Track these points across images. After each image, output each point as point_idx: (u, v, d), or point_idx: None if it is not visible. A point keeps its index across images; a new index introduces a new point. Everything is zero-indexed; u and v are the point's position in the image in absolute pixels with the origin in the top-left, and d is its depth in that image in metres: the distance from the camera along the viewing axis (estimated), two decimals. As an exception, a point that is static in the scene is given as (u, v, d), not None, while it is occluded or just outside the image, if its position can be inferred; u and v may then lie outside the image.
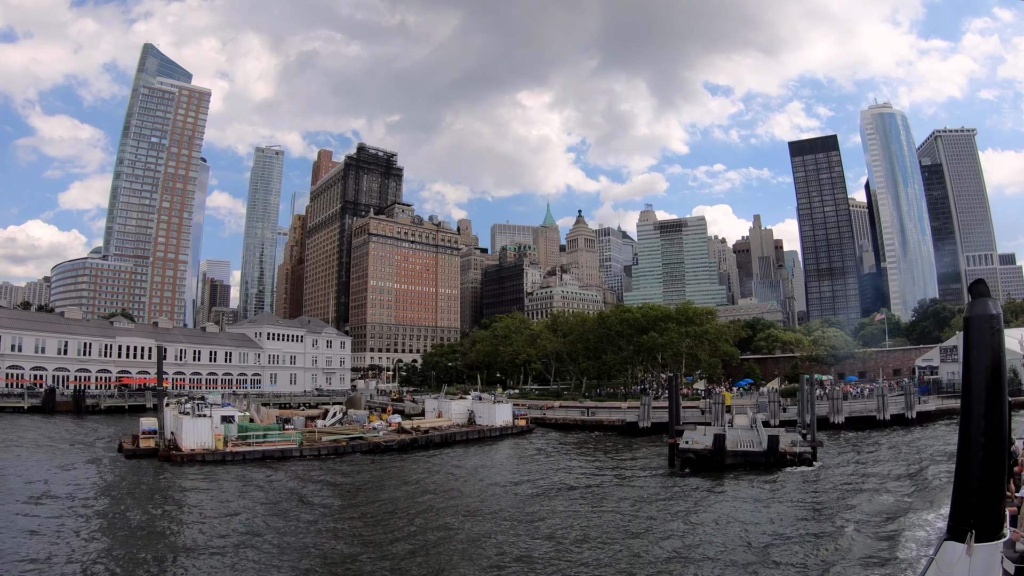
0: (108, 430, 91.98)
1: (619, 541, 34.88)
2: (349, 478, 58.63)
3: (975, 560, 7.46)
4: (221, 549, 32.46)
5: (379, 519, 40.56)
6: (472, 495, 50.76)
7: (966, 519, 7.62)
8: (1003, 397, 7.81)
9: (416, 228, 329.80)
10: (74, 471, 55.85)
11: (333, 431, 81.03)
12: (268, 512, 42.25)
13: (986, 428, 7.54)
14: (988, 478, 7.60)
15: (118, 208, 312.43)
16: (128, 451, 64.84)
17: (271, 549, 32.97)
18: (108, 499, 46.38)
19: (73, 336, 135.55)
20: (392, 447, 75.96)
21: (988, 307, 7.76)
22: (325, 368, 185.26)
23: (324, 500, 48.28)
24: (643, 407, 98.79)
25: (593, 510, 44.04)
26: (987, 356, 7.68)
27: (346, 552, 32.53)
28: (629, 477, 57.37)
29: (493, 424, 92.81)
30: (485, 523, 39.82)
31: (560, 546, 34.03)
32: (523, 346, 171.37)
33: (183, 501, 46.42)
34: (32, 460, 61.27)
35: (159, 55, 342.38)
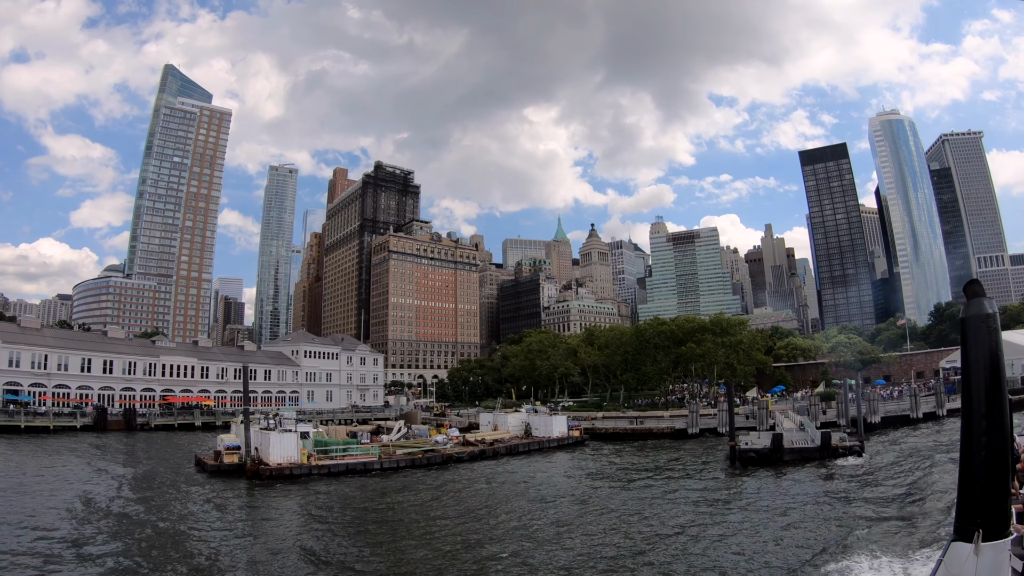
0: (171, 448, 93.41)
1: (718, 523, 40.81)
2: (451, 485, 61.62)
3: (983, 559, 7.53)
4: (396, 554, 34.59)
5: (508, 521, 44.41)
6: (569, 494, 55.33)
7: (972, 519, 7.65)
8: (1003, 395, 7.84)
9: (435, 245, 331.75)
10: (172, 490, 56.60)
11: (406, 444, 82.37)
12: (404, 518, 45.39)
13: (988, 427, 7.59)
14: (992, 477, 7.64)
15: (141, 227, 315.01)
16: (212, 468, 65.87)
17: (437, 547, 36.22)
18: (242, 517, 47.38)
19: (118, 355, 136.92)
20: (463, 458, 78.58)
21: (984, 306, 7.89)
22: (359, 384, 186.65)
23: (455, 504, 51.47)
24: (691, 414, 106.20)
25: (678, 500, 50.42)
26: (985, 355, 7.75)
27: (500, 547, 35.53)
28: (696, 475, 64.07)
29: (550, 435, 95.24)
30: (596, 516, 45.05)
31: (670, 529, 39.51)
32: (561, 360, 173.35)
33: (319, 516, 46.99)
34: (122, 479, 61.89)
35: (179, 75, 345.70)
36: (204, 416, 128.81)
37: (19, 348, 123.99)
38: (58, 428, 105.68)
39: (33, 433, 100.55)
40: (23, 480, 60.25)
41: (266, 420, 72.01)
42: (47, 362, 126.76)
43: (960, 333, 8.32)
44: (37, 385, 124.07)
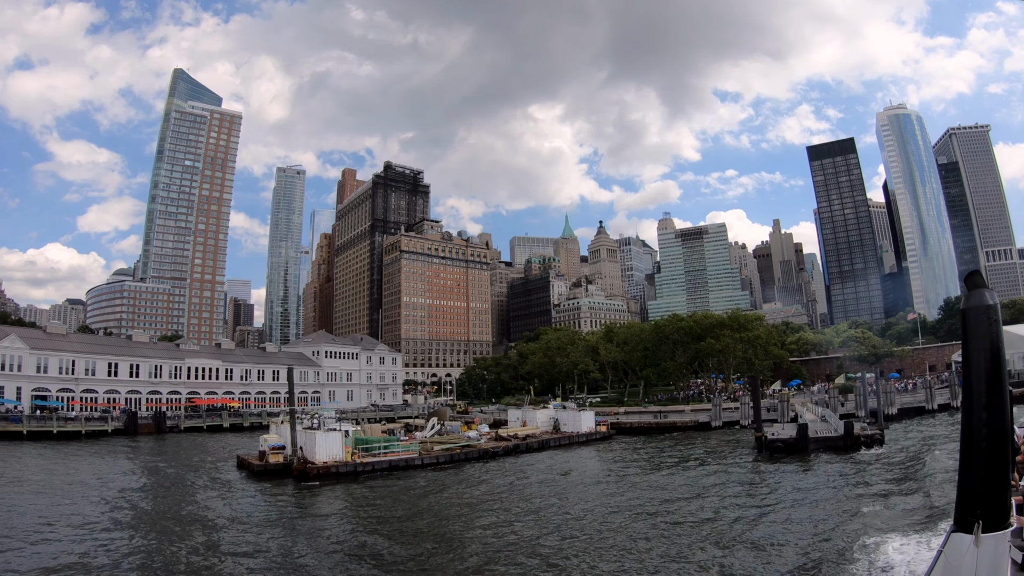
0: (206, 449, 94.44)
1: (754, 505, 46.11)
2: (495, 479, 64.64)
3: (983, 550, 7.57)
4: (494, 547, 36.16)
5: (568, 508, 47.90)
6: (609, 482, 60.68)
7: (972, 510, 7.69)
8: (1004, 387, 7.83)
9: (446, 244, 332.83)
10: (225, 490, 57.86)
11: (444, 440, 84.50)
12: (478, 508, 48.03)
13: (988, 418, 7.61)
14: (992, 468, 7.65)
15: (154, 231, 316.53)
16: (258, 468, 66.84)
17: (520, 530, 38.91)
18: (301, 516, 48.32)
19: (145, 359, 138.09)
20: (499, 453, 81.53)
21: (985, 298, 7.86)
22: (379, 384, 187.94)
23: (524, 494, 54.02)
24: (715, 408, 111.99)
25: (714, 484, 55.32)
26: (986, 346, 7.74)
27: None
28: (727, 463, 68.81)
29: (579, 430, 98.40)
30: (640, 497, 51.32)
31: (723, 512, 43.68)
32: (581, 356, 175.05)
33: (375, 512, 48.71)
34: (169, 482, 62.93)
35: (189, 79, 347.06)
36: (232, 418, 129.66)
37: (47, 354, 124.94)
38: (90, 432, 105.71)
39: (65, 438, 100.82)
40: (68, 483, 61.47)
41: (309, 420, 72.89)
42: (74, 367, 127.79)
43: (961, 324, 8.28)
44: (65, 390, 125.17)
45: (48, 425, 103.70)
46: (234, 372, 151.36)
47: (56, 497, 52.92)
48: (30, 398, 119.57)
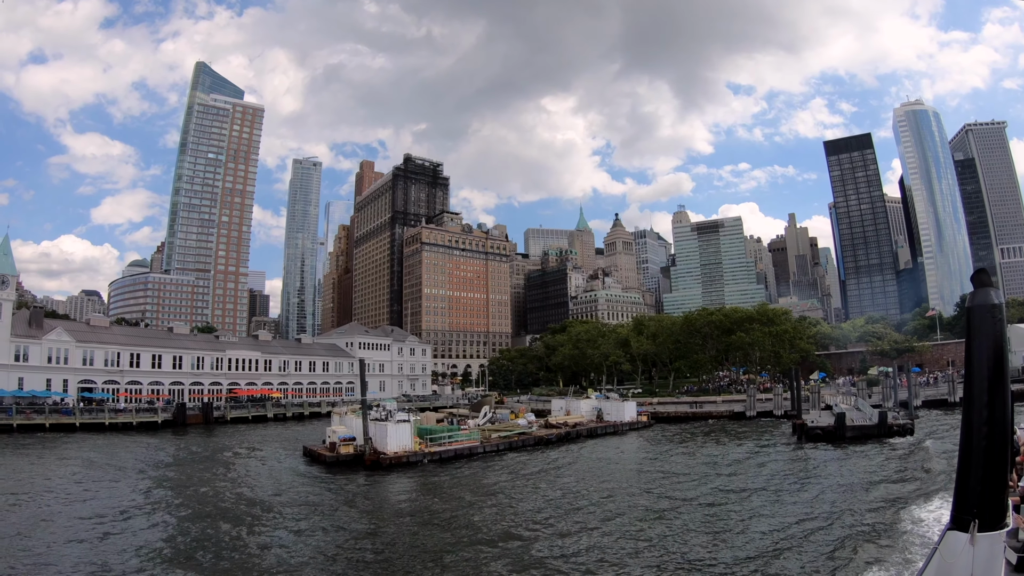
0: (264, 440, 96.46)
1: (808, 477, 55.38)
2: (569, 463, 69.65)
3: (978, 549, 7.59)
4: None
5: (640, 481, 56.20)
6: (668, 463, 67.66)
7: (969, 509, 7.69)
8: (1006, 386, 7.83)
9: (466, 236, 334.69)
10: (306, 483, 59.30)
11: (499, 428, 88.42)
12: (563, 490, 51.05)
13: (988, 417, 7.62)
14: (991, 468, 7.66)
15: (178, 223, 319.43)
16: (330, 459, 68.70)
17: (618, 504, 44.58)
18: (393, 503, 51.55)
19: (187, 351, 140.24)
20: (552, 440, 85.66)
21: (990, 296, 7.87)
22: (409, 375, 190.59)
23: (598, 475, 58.72)
24: (749, 398, 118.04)
25: (764, 463, 63.39)
26: (989, 345, 7.77)
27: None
28: (771, 447, 76.27)
29: (622, 419, 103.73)
30: (702, 475, 58.82)
31: (760, 487, 51.13)
32: (612, 348, 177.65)
33: (463, 495, 51.08)
34: (251, 476, 64.26)
35: (211, 72, 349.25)
36: (275, 408, 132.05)
37: (92, 347, 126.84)
38: (140, 424, 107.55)
39: (117, 430, 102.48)
40: (160, 478, 63.79)
41: (377, 411, 74.96)
42: (119, 360, 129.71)
43: (965, 322, 8.29)
44: (110, 382, 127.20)
45: (100, 417, 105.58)
46: (273, 363, 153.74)
47: (155, 488, 55.35)
48: (77, 390, 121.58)
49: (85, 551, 34.37)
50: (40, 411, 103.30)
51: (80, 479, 59.11)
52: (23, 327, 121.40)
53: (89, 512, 44.27)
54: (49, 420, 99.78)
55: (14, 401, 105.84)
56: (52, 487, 54.38)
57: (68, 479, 59.03)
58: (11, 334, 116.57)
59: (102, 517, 42.51)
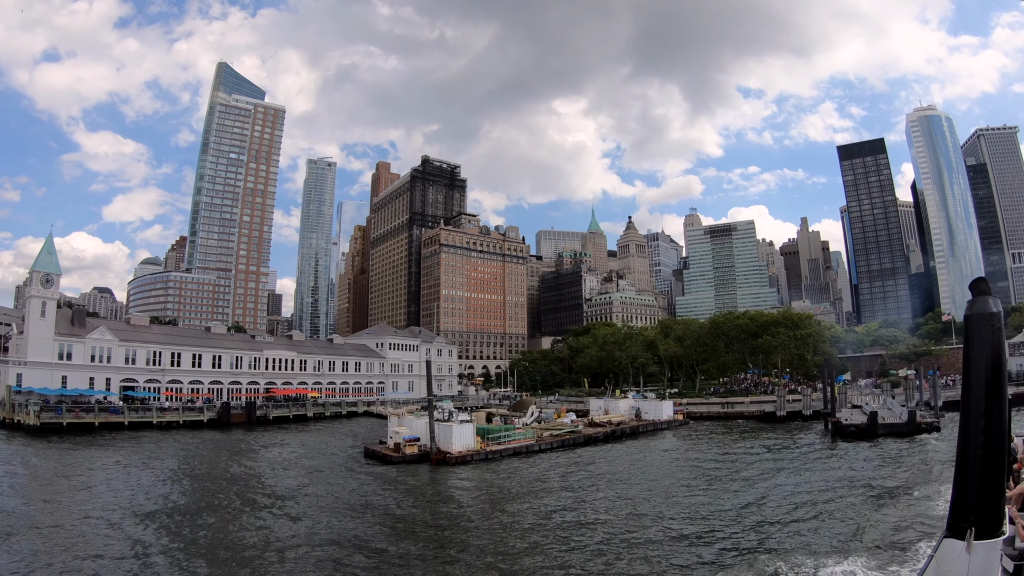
0: (313, 439, 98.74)
1: (848, 466, 62.96)
2: (623, 456, 77.13)
3: (974, 557, 7.57)
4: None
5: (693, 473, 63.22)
6: (714, 457, 74.74)
7: (965, 516, 7.66)
8: (1003, 395, 7.79)
9: (483, 238, 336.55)
10: (381, 483, 60.84)
11: (549, 427, 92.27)
12: (627, 483, 56.27)
13: (986, 425, 7.59)
14: (988, 476, 7.64)
15: (200, 223, 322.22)
16: (396, 459, 71.14)
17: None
18: (483, 498, 54.15)
19: (226, 350, 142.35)
20: (599, 438, 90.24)
21: (988, 305, 7.86)
22: (436, 375, 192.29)
23: (651, 469, 63.57)
24: (779, 399, 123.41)
25: (798, 463, 67.75)
26: (987, 354, 7.73)
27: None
28: (802, 445, 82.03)
29: (660, 418, 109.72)
30: (748, 467, 65.96)
31: (809, 482, 55.92)
32: (640, 350, 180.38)
33: (538, 488, 53.51)
34: (323, 476, 65.96)
35: (232, 73, 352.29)
36: (315, 408, 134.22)
37: (135, 345, 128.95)
38: (187, 423, 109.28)
39: (164, 428, 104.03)
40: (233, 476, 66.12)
41: (439, 413, 77.38)
42: (160, 358, 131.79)
43: (963, 331, 8.31)
44: (152, 381, 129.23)
45: (147, 416, 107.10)
46: (308, 363, 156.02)
47: (235, 485, 57.65)
48: (119, 389, 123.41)
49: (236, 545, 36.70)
50: (88, 410, 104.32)
51: (175, 476, 61.71)
52: (66, 326, 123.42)
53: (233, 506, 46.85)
54: (99, 419, 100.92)
55: (59, 400, 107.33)
56: (156, 482, 56.94)
57: (165, 476, 61.64)
58: (55, 333, 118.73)
59: (249, 507, 45.04)
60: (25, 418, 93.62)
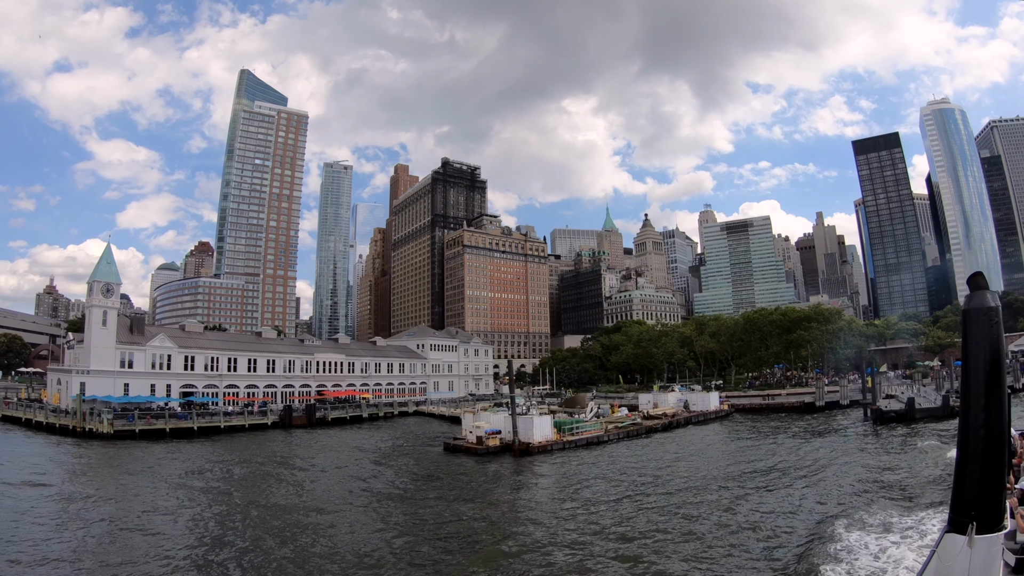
0: (384, 437, 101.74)
1: (894, 454, 67.98)
2: (684, 443, 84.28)
3: (976, 552, 7.60)
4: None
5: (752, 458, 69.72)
6: (767, 441, 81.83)
7: (967, 511, 7.71)
8: (1002, 389, 7.82)
9: (506, 239, 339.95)
10: (472, 471, 65.28)
11: (613, 420, 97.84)
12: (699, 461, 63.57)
13: (986, 420, 7.61)
14: (988, 470, 7.66)
15: (227, 228, 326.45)
16: (481, 451, 75.43)
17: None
18: (576, 480, 58.48)
19: (279, 355, 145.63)
20: (658, 428, 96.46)
21: (987, 299, 7.90)
22: (474, 374, 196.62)
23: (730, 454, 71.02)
24: (818, 390, 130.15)
25: (847, 444, 75.98)
26: (986, 348, 7.75)
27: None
28: (845, 429, 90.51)
29: (707, 409, 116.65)
30: (799, 447, 74.99)
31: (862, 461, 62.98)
32: (677, 347, 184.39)
33: (624, 473, 58.40)
34: (418, 471, 68.46)
35: (255, 80, 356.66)
36: (369, 408, 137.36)
37: (193, 351, 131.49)
38: (252, 426, 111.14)
39: (232, 432, 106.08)
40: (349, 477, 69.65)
41: (521, 407, 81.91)
42: (217, 364, 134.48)
43: (962, 325, 8.32)
44: (210, 386, 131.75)
45: (215, 421, 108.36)
46: (355, 365, 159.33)
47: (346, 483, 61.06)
48: (179, 395, 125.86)
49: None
50: (158, 416, 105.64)
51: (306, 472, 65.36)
52: (126, 334, 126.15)
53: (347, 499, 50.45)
54: (169, 425, 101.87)
55: (125, 407, 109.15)
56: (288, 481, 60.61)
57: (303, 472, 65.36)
58: (116, 341, 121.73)
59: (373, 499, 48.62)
60: (98, 426, 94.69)
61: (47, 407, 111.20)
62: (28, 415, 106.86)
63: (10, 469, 62.50)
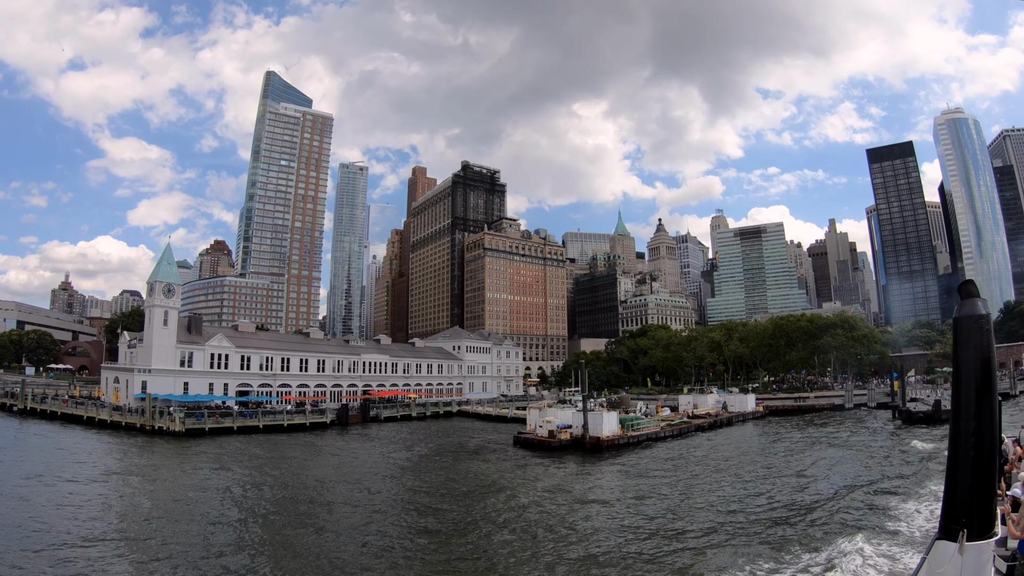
0: (449, 434, 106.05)
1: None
2: (737, 438, 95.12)
3: (967, 559, 7.61)
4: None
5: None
6: (807, 436, 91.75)
7: (958, 518, 7.71)
8: (993, 396, 7.80)
9: (525, 242, 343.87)
10: (567, 464, 69.35)
11: (665, 418, 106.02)
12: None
13: (976, 427, 7.63)
14: (979, 477, 7.66)
15: (253, 228, 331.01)
16: (554, 444, 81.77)
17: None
18: (653, 467, 65.92)
19: (329, 355, 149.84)
20: (705, 427, 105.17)
21: (977, 307, 7.93)
22: (506, 376, 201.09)
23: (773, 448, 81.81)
24: (847, 392, 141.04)
25: (882, 442, 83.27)
26: (977, 356, 7.76)
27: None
28: (877, 430, 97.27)
29: (745, 410, 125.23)
30: (834, 441, 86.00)
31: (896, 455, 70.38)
32: (707, 351, 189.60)
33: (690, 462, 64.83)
34: (509, 466, 73.33)
35: (280, 81, 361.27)
36: (417, 407, 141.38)
37: (249, 351, 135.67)
38: (312, 424, 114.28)
39: (293, 430, 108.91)
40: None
41: (592, 404, 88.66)
42: (271, 363, 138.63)
43: (953, 333, 8.33)
44: (264, 385, 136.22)
45: (278, 419, 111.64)
46: (398, 366, 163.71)
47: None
48: (235, 393, 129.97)
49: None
50: (226, 415, 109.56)
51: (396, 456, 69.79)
52: (184, 333, 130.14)
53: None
54: (236, 423, 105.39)
55: (195, 405, 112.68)
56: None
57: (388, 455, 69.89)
58: (176, 340, 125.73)
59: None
60: (170, 424, 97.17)
61: (108, 405, 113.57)
62: (91, 413, 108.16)
63: (129, 471, 67.00)
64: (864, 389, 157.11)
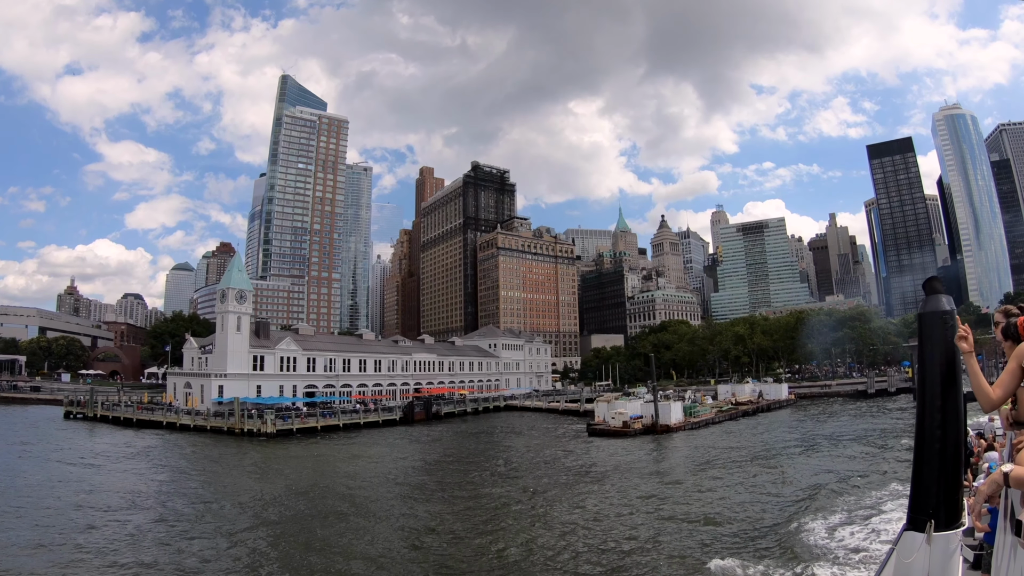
0: (515, 427, 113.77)
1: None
2: (780, 422, 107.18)
3: (934, 549, 7.62)
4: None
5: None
6: (843, 416, 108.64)
7: (925, 509, 7.74)
8: (958, 390, 7.77)
9: (537, 240, 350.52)
10: (645, 452, 77.25)
11: (717, 405, 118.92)
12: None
13: (942, 420, 7.64)
14: (945, 469, 7.69)
15: (272, 231, 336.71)
16: (629, 433, 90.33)
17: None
18: (721, 446, 77.52)
19: (383, 355, 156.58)
20: (749, 412, 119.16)
21: (942, 303, 7.79)
22: (536, 372, 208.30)
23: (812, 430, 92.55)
24: (868, 379, 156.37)
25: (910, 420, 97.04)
26: (941, 351, 7.67)
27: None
28: (895, 411, 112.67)
29: (780, 398, 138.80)
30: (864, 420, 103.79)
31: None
32: (732, 345, 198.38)
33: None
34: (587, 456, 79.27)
35: (296, 85, 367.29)
36: (471, 403, 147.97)
37: (313, 354, 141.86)
38: (385, 422, 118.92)
39: (369, 428, 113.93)
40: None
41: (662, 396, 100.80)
42: (334, 365, 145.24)
43: (918, 329, 8.23)
44: (328, 386, 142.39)
45: (356, 418, 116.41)
46: (444, 364, 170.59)
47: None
48: (303, 394, 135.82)
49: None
50: (310, 415, 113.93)
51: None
52: (253, 338, 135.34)
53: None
54: (320, 423, 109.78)
55: (254, 407, 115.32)
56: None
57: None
58: (249, 344, 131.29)
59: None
60: (262, 427, 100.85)
61: (182, 410, 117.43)
62: (171, 419, 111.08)
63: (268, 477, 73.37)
64: (884, 376, 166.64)
